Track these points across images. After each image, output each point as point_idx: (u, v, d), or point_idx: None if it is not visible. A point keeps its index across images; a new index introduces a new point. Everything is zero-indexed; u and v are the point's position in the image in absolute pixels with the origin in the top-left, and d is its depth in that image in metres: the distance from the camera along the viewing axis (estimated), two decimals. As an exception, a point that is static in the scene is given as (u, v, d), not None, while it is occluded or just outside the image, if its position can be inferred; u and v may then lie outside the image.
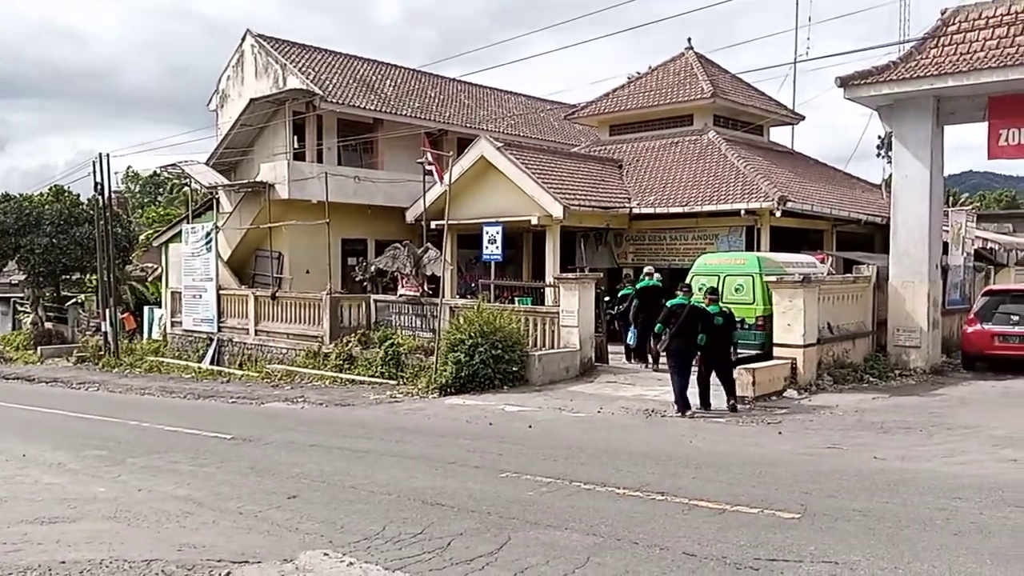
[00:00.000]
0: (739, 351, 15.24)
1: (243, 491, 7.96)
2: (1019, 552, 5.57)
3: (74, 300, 35.75)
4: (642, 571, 5.34)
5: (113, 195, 30.34)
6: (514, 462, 8.95)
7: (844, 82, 16.25)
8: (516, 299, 20.62)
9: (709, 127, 23.64)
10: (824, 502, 6.95)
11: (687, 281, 15.43)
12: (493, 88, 32.77)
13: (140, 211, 51.67)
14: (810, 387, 13.95)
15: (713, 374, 12.47)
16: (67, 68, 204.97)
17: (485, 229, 18.68)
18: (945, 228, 18.24)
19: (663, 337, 12.37)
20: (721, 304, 12.81)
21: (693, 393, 12.22)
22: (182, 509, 7.28)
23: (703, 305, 12.36)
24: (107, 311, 26.83)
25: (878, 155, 52.96)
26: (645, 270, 17.84)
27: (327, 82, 24.86)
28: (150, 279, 34.51)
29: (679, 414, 12.04)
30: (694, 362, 12.34)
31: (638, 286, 17.02)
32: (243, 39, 26.32)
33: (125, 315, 28.87)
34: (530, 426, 11.62)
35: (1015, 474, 7.99)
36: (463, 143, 24.70)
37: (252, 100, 24.20)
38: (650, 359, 16.51)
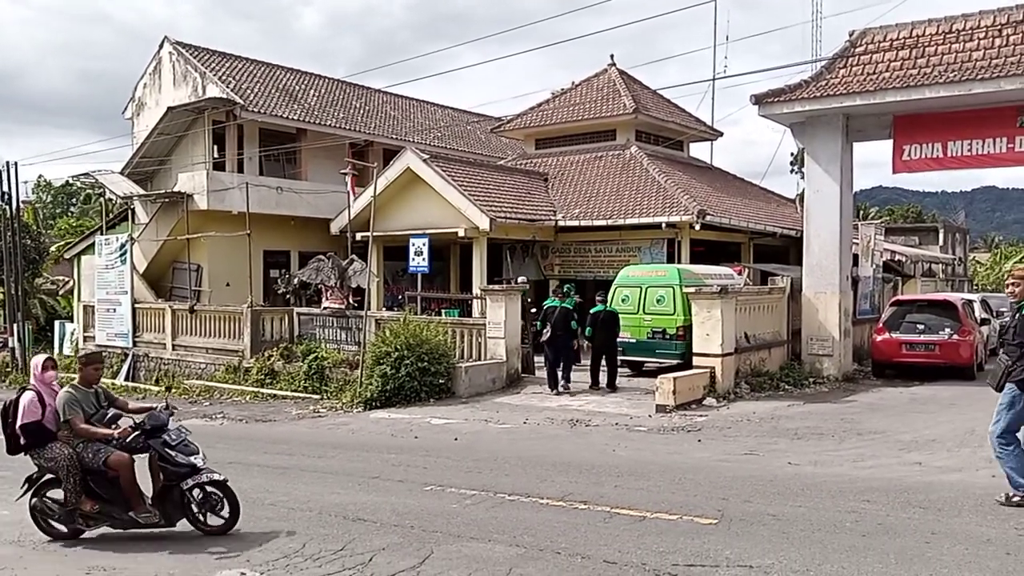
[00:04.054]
0: (660, 360, 15.73)
1: (157, 511, 7.69)
2: (922, 551, 5.82)
3: (-22, 315, 34.08)
4: (563, 580, 5.39)
5: (22, 205, 29.08)
6: (439, 475, 8.91)
7: (758, 100, 16.79)
8: (443, 311, 20.59)
9: (631, 142, 24.10)
10: (741, 507, 7.13)
11: (611, 291, 16.07)
12: (419, 100, 32.72)
13: (52, 222, 49.60)
14: (728, 395, 14.31)
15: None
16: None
17: (411, 241, 18.59)
18: (855, 241, 18.98)
19: (544, 332, 15.21)
20: (607, 306, 15.45)
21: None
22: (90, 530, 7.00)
23: (568, 306, 15.41)
24: (15, 326, 25.67)
25: (791, 171, 54.81)
26: (520, 278, 19.15)
27: (248, 91, 24.40)
28: (61, 292, 33.16)
29: (551, 391, 15.10)
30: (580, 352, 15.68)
31: None
32: (161, 46, 25.63)
33: None
34: (456, 438, 11.59)
35: (919, 477, 8.35)
36: (389, 154, 24.57)
37: (170, 108, 23.57)
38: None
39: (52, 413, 6.71)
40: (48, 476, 6.83)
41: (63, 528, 6.85)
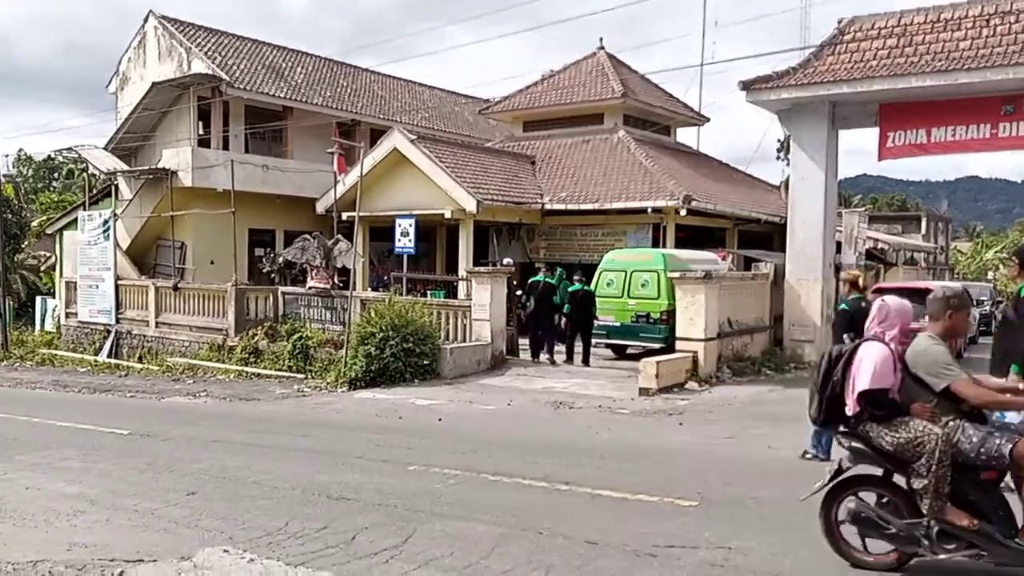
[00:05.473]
0: (644, 344, 15.86)
1: (139, 488, 7.71)
2: (896, 534, 5.91)
3: (-42, 290, 33.68)
4: (545, 559, 5.45)
5: (3, 179, 28.74)
6: (422, 455, 8.95)
7: (746, 86, 16.82)
8: (429, 292, 20.61)
9: (619, 126, 24.08)
10: (721, 490, 7.22)
11: (596, 275, 16.28)
12: (407, 80, 32.50)
13: (34, 197, 49.04)
14: (711, 379, 14.42)
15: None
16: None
17: (398, 222, 18.56)
18: (839, 228, 19.10)
19: (528, 304, 16.54)
20: (584, 286, 16.10)
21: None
22: (73, 508, 6.99)
23: (552, 282, 16.56)
24: (-6, 301, 25.41)
25: (778, 157, 54.94)
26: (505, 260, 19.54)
27: (234, 67, 24.16)
28: (43, 268, 32.86)
29: (533, 359, 16.51)
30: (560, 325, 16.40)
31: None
32: (145, 20, 25.31)
33: None
34: (440, 419, 11.62)
35: (896, 461, 8.47)
36: (376, 134, 24.44)
37: (154, 84, 23.32)
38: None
39: (901, 379, 4.96)
40: (856, 470, 5.09)
41: (887, 548, 4.96)
